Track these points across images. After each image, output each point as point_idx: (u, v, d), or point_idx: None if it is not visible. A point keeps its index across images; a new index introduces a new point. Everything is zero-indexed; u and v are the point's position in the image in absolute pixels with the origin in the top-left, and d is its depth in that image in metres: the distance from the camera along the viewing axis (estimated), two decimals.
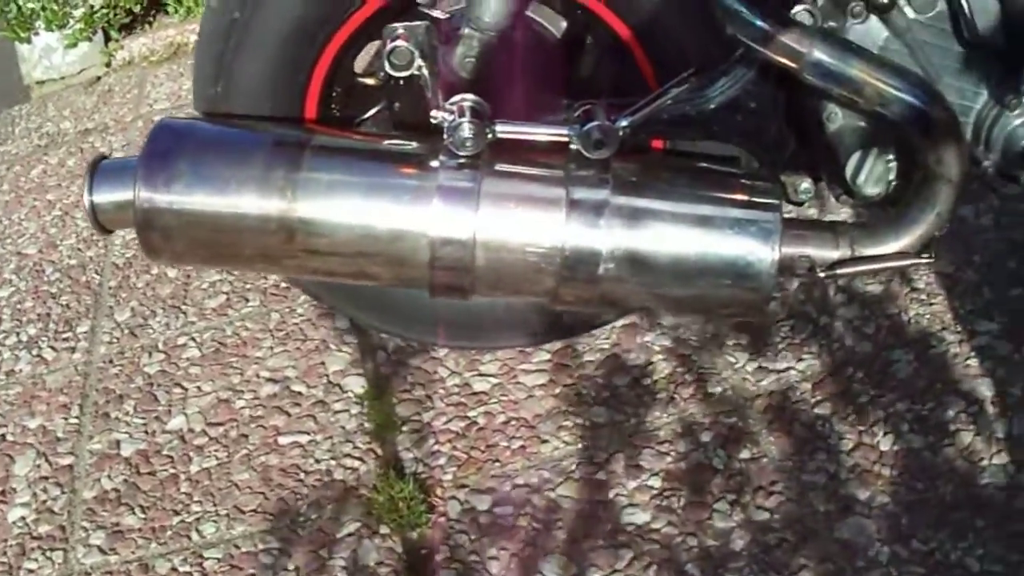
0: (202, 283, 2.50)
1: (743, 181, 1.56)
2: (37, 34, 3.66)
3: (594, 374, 2.07)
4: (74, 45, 3.66)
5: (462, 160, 1.47)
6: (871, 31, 1.55)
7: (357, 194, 1.47)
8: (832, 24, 1.55)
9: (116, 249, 2.68)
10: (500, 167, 1.48)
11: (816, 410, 1.93)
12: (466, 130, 1.45)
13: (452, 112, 1.46)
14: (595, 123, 1.46)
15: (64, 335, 2.45)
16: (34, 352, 2.41)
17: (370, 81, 1.72)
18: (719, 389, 2.00)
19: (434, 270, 1.49)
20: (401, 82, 1.53)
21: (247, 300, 2.41)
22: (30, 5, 3.60)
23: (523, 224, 1.46)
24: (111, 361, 2.33)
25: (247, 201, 1.48)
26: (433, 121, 1.46)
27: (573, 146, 1.49)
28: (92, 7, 3.62)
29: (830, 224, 1.64)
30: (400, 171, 1.49)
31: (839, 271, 1.58)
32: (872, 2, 1.52)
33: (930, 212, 1.55)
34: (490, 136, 1.46)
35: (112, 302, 2.51)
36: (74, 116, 3.51)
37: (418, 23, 1.57)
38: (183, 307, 2.44)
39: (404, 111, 1.60)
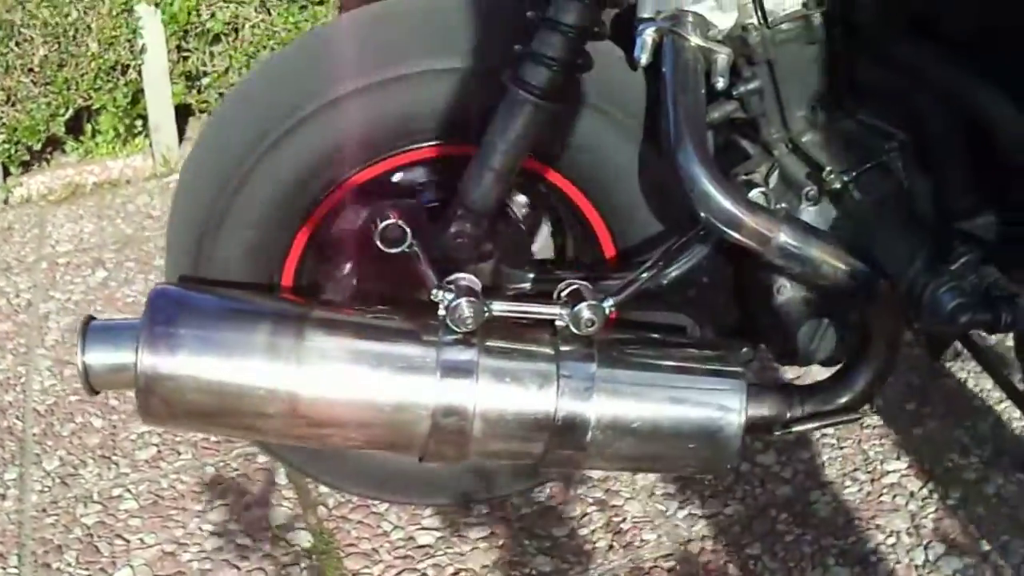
0: (130, 434, 2.49)
1: (710, 352, 1.69)
2: None
3: (533, 526, 2.15)
4: None
5: (459, 336, 1.56)
6: (822, 211, 1.71)
7: (362, 366, 1.55)
8: (783, 205, 1.70)
9: (35, 395, 2.66)
10: (495, 343, 1.58)
11: (747, 550, 2.06)
12: (465, 309, 1.54)
13: (451, 291, 1.55)
14: (585, 303, 1.57)
15: None
16: None
17: None
18: (654, 536, 2.11)
19: (432, 439, 1.57)
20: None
21: (179, 453, 2.42)
22: None
23: (519, 397, 1.56)
24: (44, 511, 2.29)
25: (252, 371, 1.54)
26: (433, 300, 1.55)
27: (560, 323, 1.59)
28: None
29: (783, 386, 1.77)
30: (402, 345, 1.56)
31: (793, 429, 1.72)
32: (825, 188, 1.67)
33: (871, 371, 1.71)
34: (487, 314, 1.56)
35: (38, 450, 2.48)
36: None
37: (408, 200, 1.68)
38: (114, 457, 2.43)
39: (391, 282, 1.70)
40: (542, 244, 1.92)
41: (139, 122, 3.89)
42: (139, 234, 3.47)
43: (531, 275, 1.77)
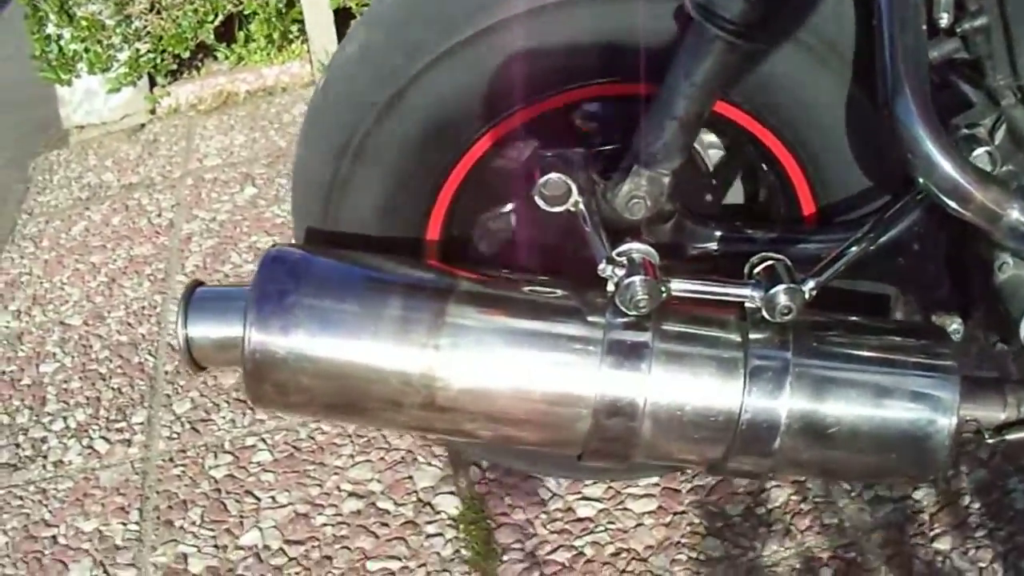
0: None
1: (921, 341, 1.42)
2: (79, 77, 3.51)
3: (706, 501, 1.92)
4: (117, 90, 3.52)
5: (630, 320, 1.31)
6: None
7: (513, 352, 1.31)
8: (1011, 167, 1.42)
9: (171, 327, 2.51)
10: (672, 326, 1.33)
11: (935, 544, 1.80)
12: (639, 290, 1.29)
13: (622, 266, 1.30)
14: (781, 287, 1.31)
15: (117, 424, 2.27)
16: (84, 442, 2.24)
17: None
18: (836, 520, 1.86)
19: (594, 438, 1.33)
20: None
21: None
22: (72, 47, 3.45)
23: (699, 392, 1.31)
24: (171, 460, 2.16)
25: (381, 354, 1.32)
26: (601, 275, 1.31)
27: (750, 304, 1.33)
28: (138, 51, 3.48)
29: (996, 382, 1.49)
30: (561, 328, 1.32)
31: (1007, 436, 1.43)
32: None
33: None
34: (664, 295, 1.31)
35: (169, 390, 2.34)
36: (117, 167, 3.35)
37: (573, 151, 1.42)
38: (249, 402, 2.26)
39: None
40: (732, 192, 1.65)
41: (295, 27, 3.69)
42: (293, 147, 3.29)
43: (718, 233, 1.54)
